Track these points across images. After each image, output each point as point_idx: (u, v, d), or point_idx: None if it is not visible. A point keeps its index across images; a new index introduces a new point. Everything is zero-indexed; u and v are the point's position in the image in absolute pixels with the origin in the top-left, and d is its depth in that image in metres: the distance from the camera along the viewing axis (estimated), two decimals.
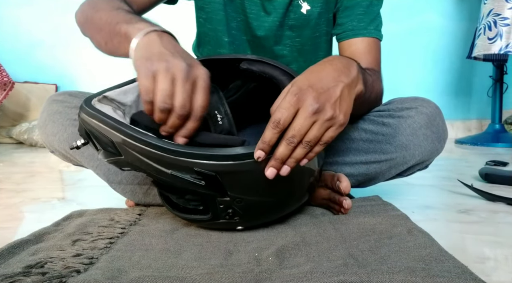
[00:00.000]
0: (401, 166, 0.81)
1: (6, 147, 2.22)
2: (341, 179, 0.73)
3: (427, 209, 0.87)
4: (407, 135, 0.78)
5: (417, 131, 0.78)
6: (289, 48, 0.90)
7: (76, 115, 0.76)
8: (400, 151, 0.78)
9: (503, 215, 0.82)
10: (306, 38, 0.90)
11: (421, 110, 0.79)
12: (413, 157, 0.79)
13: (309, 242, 0.60)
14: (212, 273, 0.49)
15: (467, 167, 1.46)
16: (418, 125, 0.78)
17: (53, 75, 2.60)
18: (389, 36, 2.64)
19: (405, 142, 0.78)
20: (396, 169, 0.81)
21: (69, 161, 0.87)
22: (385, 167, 0.81)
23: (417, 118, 0.78)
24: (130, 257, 0.55)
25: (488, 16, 2.06)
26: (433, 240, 0.58)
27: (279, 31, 0.88)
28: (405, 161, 0.79)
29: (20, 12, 2.63)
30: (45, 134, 0.83)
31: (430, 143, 0.79)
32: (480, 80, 2.66)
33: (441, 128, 0.80)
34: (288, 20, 0.87)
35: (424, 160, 0.81)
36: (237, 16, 0.88)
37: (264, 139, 0.53)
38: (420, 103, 0.81)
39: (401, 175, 0.85)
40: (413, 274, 0.46)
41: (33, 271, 0.49)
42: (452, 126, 2.70)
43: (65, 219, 0.73)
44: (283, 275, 0.49)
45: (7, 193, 1.06)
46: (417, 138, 0.78)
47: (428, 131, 0.78)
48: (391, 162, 0.80)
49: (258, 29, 0.88)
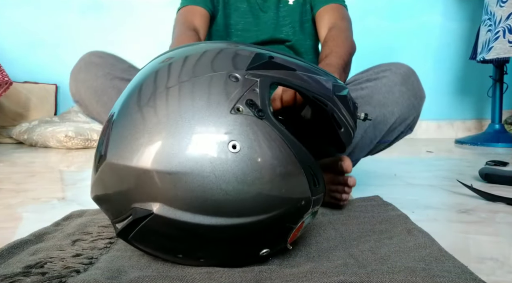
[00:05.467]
0: (383, 125, 0.84)
1: (6, 147, 2.22)
2: (342, 159, 0.75)
3: (427, 209, 0.87)
4: (383, 92, 0.84)
5: (393, 88, 0.84)
6: (285, 33, 1.05)
7: (110, 69, 0.88)
8: (379, 109, 0.83)
9: (503, 215, 0.82)
10: (296, 22, 1.05)
11: (395, 70, 0.86)
12: (392, 114, 0.84)
13: (309, 242, 0.60)
14: (212, 273, 0.49)
15: (467, 167, 1.46)
16: (393, 82, 0.84)
17: (53, 75, 2.61)
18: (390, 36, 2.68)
19: (382, 100, 0.83)
20: (379, 130, 0.85)
21: (88, 112, 0.94)
22: (369, 130, 0.84)
23: (392, 77, 0.85)
24: (130, 257, 0.55)
25: (508, 19, 2.07)
26: (433, 240, 0.58)
27: (275, 21, 1.05)
28: (385, 119, 0.84)
29: (20, 12, 2.63)
30: (76, 80, 0.90)
31: (407, 100, 0.84)
32: (480, 80, 2.66)
33: (416, 86, 0.86)
34: (281, 13, 1.05)
35: (404, 117, 0.85)
36: (242, 19, 1.05)
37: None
38: (394, 65, 0.88)
39: (388, 140, 0.89)
40: (413, 274, 0.46)
41: (33, 271, 0.49)
42: (452, 126, 2.70)
43: (65, 219, 0.73)
44: (283, 274, 0.49)
45: (7, 193, 1.06)
46: (393, 94, 0.84)
47: (403, 87, 0.84)
48: (373, 123, 0.84)
49: (259, 24, 1.04)
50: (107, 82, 0.88)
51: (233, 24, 1.05)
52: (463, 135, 2.62)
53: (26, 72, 2.58)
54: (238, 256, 0.52)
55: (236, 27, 1.05)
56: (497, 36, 2.13)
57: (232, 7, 1.05)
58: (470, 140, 2.32)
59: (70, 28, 2.65)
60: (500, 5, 2.12)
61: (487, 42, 2.18)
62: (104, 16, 2.64)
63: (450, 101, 2.72)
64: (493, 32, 2.15)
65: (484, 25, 2.22)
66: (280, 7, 1.05)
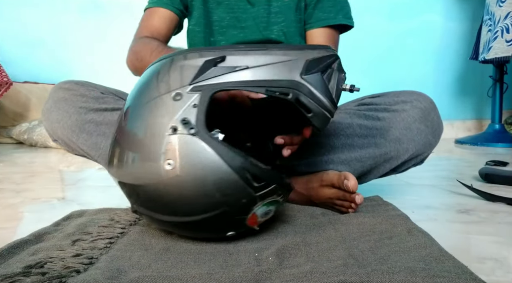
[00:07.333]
0: (394, 161, 0.81)
1: (6, 147, 2.22)
2: (348, 177, 0.73)
3: (427, 209, 0.87)
4: (400, 129, 0.79)
5: (411, 125, 0.79)
6: (276, 33, 0.95)
7: (82, 102, 0.82)
8: (394, 145, 0.80)
9: (503, 215, 0.82)
10: (291, 21, 0.95)
11: (416, 104, 0.80)
12: (407, 151, 0.80)
13: (309, 242, 0.60)
14: (212, 273, 0.49)
15: (467, 167, 1.46)
16: (412, 119, 0.79)
17: (53, 75, 2.60)
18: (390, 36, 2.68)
19: (398, 136, 0.79)
20: (390, 164, 0.82)
21: (71, 150, 0.87)
22: (380, 162, 0.81)
23: (411, 112, 0.80)
24: (130, 257, 0.55)
25: (506, 18, 2.07)
26: (433, 240, 0.58)
27: (265, 18, 0.95)
28: (398, 155, 0.81)
29: (20, 12, 2.63)
30: (49, 120, 0.84)
31: (424, 138, 0.80)
32: (480, 80, 2.66)
33: (435, 122, 0.82)
34: (273, 8, 0.95)
35: (417, 154, 0.82)
36: (227, 15, 0.95)
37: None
38: (416, 97, 0.82)
39: (396, 171, 0.86)
40: (413, 274, 0.46)
41: (33, 271, 0.49)
42: (452, 126, 2.69)
43: (65, 219, 0.73)
44: (283, 275, 0.49)
45: (7, 193, 1.06)
46: (410, 132, 0.79)
47: (422, 125, 0.80)
48: (385, 157, 0.81)
49: (247, 20, 0.94)
50: (82, 117, 0.81)
51: (217, 21, 0.95)
52: (463, 135, 2.62)
53: (26, 72, 2.57)
54: (210, 236, 0.63)
55: (221, 24, 0.95)
56: (495, 36, 2.13)
57: (214, 1, 0.95)
58: (470, 140, 2.32)
59: (70, 28, 2.65)
60: (500, 5, 2.12)
61: (488, 42, 2.18)
62: (104, 16, 2.64)
63: (450, 101, 2.72)
64: (492, 32, 2.16)
65: (485, 25, 2.22)
66: (273, 1, 0.95)
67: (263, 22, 0.95)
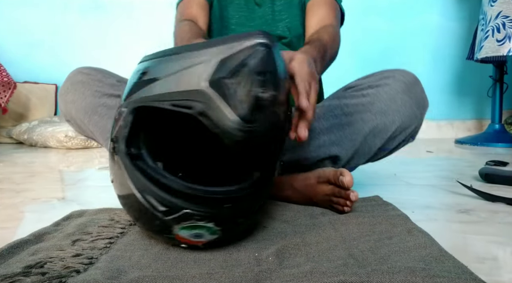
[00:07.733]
0: (383, 133, 0.83)
1: (6, 147, 2.22)
2: (344, 173, 0.73)
3: (427, 209, 0.87)
4: (385, 100, 0.82)
5: (395, 96, 0.82)
6: (281, 29, 1.00)
7: (97, 87, 0.87)
8: (380, 117, 0.82)
9: (503, 215, 0.82)
10: (294, 16, 1.00)
11: (399, 78, 0.83)
12: (393, 123, 0.82)
13: (309, 242, 0.60)
14: (212, 273, 0.49)
15: (467, 167, 1.46)
16: (395, 91, 0.82)
17: (53, 75, 2.60)
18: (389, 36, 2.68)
19: (383, 108, 0.82)
20: (379, 138, 0.84)
21: (81, 131, 0.93)
22: (369, 138, 0.83)
23: (394, 85, 0.83)
24: (129, 257, 0.55)
25: (497, 18, 2.07)
26: (433, 240, 0.58)
27: (271, 16, 1.00)
28: (386, 127, 0.82)
29: (20, 12, 2.63)
30: (65, 101, 0.89)
31: (409, 109, 0.82)
32: (480, 80, 2.66)
33: (419, 95, 0.84)
34: (277, 7, 1.01)
35: (404, 126, 0.84)
36: (236, 13, 1.01)
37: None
38: (399, 72, 0.85)
39: (388, 149, 0.87)
40: (413, 274, 0.46)
41: (32, 271, 0.49)
42: (452, 126, 2.69)
43: (65, 219, 0.73)
44: (283, 275, 0.49)
45: (7, 193, 1.06)
46: (395, 103, 0.82)
47: (406, 96, 0.82)
48: (373, 131, 0.83)
49: (255, 19, 1.00)
50: (96, 100, 0.86)
51: (228, 17, 1.02)
52: (463, 135, 2.62)
53: (26, 72, 2.57)
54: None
55: (231, 21, 1.02)
56: (487, 35, 2.13)
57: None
58: (470, 140, 2.32)
59: (70, 28, 2.65)
60: (491, 4, 2.13)
61: (480, 41, 2.19)
62: (104, 16, 2.64)
63: (450, 101, 2.72)
64: (484, 31, 2.16)
65: (480, 25, 2.23)
66: (276, 1, 1.01)
67: (268, 20, 1.00)
